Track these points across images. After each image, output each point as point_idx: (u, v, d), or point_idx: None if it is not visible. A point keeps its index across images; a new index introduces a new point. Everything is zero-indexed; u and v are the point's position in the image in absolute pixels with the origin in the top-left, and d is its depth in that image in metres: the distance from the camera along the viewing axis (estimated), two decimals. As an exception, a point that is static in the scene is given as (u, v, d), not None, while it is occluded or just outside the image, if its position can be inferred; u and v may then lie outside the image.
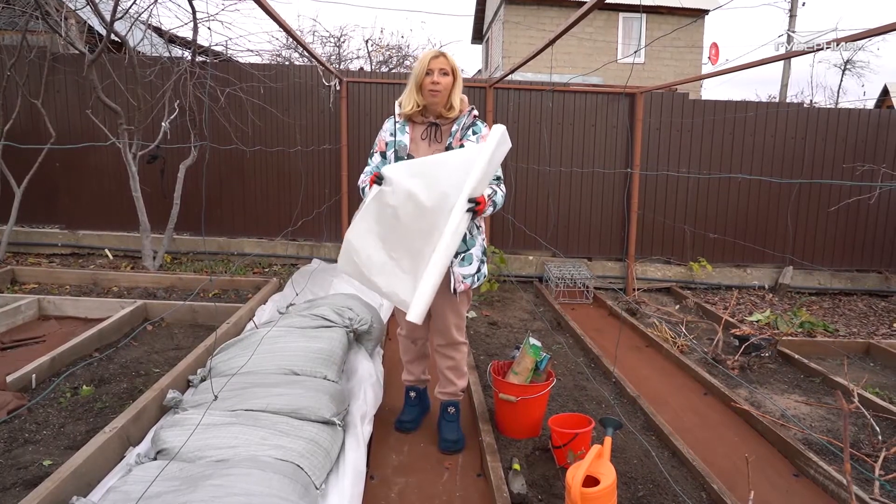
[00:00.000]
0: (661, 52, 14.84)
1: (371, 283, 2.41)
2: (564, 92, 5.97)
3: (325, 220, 6.06)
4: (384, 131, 2.61)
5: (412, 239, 2.30)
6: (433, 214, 2.23)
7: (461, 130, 2.52)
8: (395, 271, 2.35)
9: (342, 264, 2.47)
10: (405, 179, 2.28)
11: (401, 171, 2.31)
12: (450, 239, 2.18)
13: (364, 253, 2.38)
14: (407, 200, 2.27)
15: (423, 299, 2.17)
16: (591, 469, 2.04)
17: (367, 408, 2.77)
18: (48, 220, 6.10)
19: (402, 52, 13.79)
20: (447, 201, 2.21)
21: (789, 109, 6.03)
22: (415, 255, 2.30)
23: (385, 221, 2.34)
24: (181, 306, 4.20)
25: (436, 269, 2.18)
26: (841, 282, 6.21)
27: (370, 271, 2.38)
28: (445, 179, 2.23)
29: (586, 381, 3.56)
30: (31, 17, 5.25)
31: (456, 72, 2.50)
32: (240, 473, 1.89)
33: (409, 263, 2.32)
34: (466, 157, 2.25)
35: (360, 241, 2.38)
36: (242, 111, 5.83)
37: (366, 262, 2.38)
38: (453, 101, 2.51)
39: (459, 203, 2.18)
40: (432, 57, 2.46)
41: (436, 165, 2.29)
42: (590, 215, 6.15)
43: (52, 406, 2.86)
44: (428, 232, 2.25)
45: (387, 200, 2.31)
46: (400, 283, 2.33)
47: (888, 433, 3.00)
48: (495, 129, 2.22)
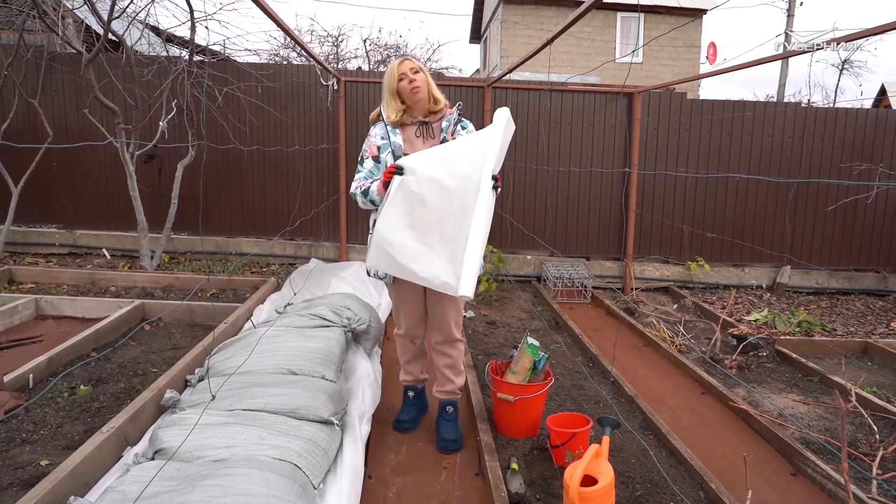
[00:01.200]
0: (659, 52, 14.85)
1: (407, 271, 2.37)
2: (562, 91, 5.97)
3: (323, 220, 6.06)
4: (374, 136, 2.63)
5: (442, 222, 2.29)
6: (460, 196, 2.25)
7: (452, 126, 2.59)
8: (430, 256, 2.32)
9: (373, 259, 2.43)
10: (426, 167, 2.30)
11: (419, 159, 2.33)
12: (483, 214, 2.20)
13: (397, 242, 2.34)
14: (431, 185, 2.28)
15: (472, 272, 2.16)
16: (590, 468, 2.04)
17: (365, 407, 2.77)
18: (45, 219, 6.09)
19: (400, 52, 13.77)
20: (470, 182, 2.23)
21: (787, 109, 6.04)
22: (447, 237, 2.28)
23: (412, 209, 2.32)
24: (179, 306, 4.19)
25: (477, 241, 2.18)
26: (838, 281, 6.22)
27: (406, 260, 2.34)
28: (464, 162, 2.27)
29: (584, 380, 3.56)
30: (28, 16, 5.23)
31: (424, 69, 2.61)
32: (238, 473, 1.89)
33: (443, 247, 2.30)
34: (480, 139, 2.31)
35: (391, 232, 2.34)
36: (240, 111, 5.82)
37: (399, 251, 2.34)
38: (434, 94, 2.61)
39: (485, 180, 2.21)
40: (399, 63, 2.58)
41: (451, 150, 2.33)
42: (588, 215, 6.15)
43: (50, 406, 2.86)
44: (457, 213, 2.25)
45: (412, 188, 2.30)
46: (438, 266, 2.29)
47: (886, 432, 3.00)
48: (501, 112, 2.32)
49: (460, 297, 2.19)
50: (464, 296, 2.15)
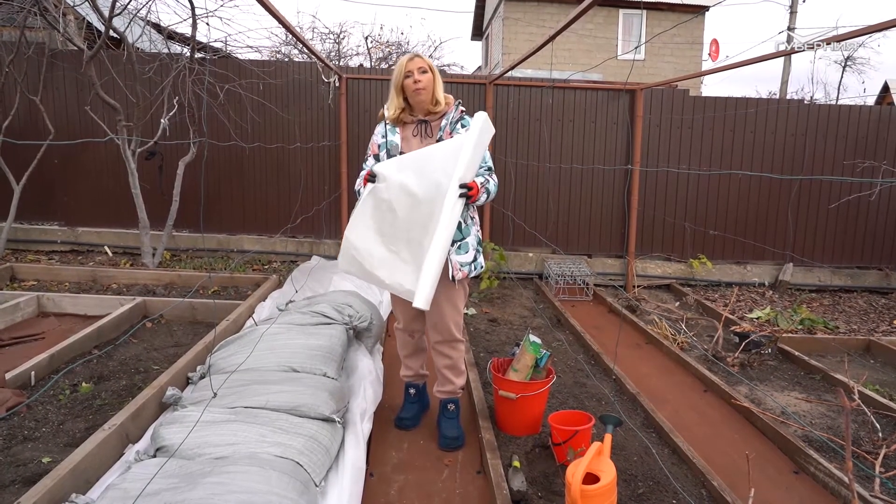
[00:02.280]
0: (661, 49, 14.81)
1: (374, 278, 2.45)
2: (564, 88, 5.96)
3: (325, 217, 6.05)
4: (376, 135, 2.66)
5: (409, 230, 2.35)
6: (428, 204, 2.29)
7: (450, 125, 2.58)
8: (396, 263, 2.39)
9: (343, 264, 2.52)
10: (396, 173, 2.36)
11: (391, 166, 2.39)
12: (447, 223, 2.23)
13: (364, 249, 2.43)
14: (400, 193, 2.33)
15: (427, 283, 2.20)
16: (591, 466, 2.04)
17: (366, 405, 2.77)
18: (47, 217, 6.09)
19: (401, 49, 13.75)
20: (439, 190, 2.27)
21: (790, 106, 6.01)
22: (414, 245, 2.34)
23: (382, 216, 2.40)
24: (180, 303, 4.19)
25: (436, 253, 2.23)
26: (841, 279, 6.20)
27: (372, 266, 2.43)
28: (435, 169, 2.30)
29: (586, 378, 3.56)
30: (29, 13, 5.22)
31: (433, 69, 2.58)
32: (239, 471, 1.89)
33: (409, 254, 2.36)
34: (453, 146, 2.32)
35: (359, 239, 2.44)
36: (241, 108, 5.82)
37: (367, 257, 2.43)
38: (438, 96, 2.59)
39: (451, 188, 2.24)
40: (408, 60, 2.55)
41: (424, 158, 2.36)
42: (590, 212, 6.14)
43: (52, 403, 2.86)
44: (424, 221, 2.30)
45: (381, 195, 2.38)
46: (402, 273, 2.36)
47: (889, 430, 3.00)
48: (477, 117, 2.32)
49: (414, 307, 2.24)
50: (416, 307, 2.21)
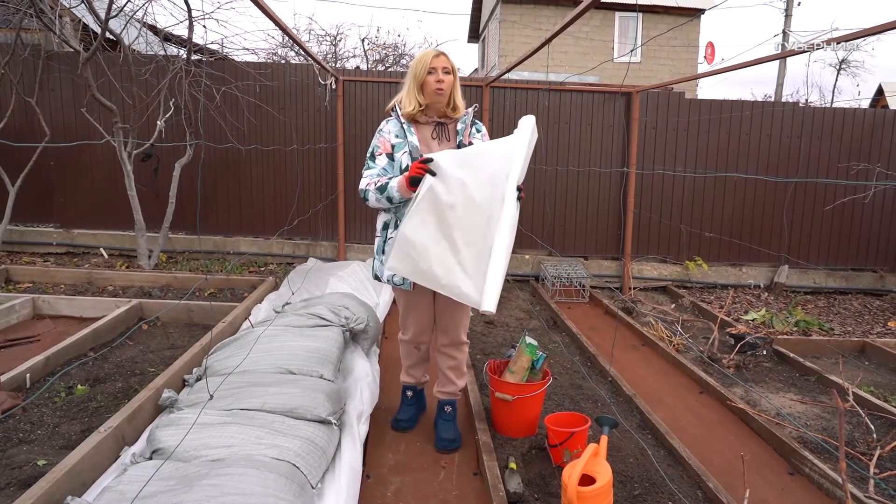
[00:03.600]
0: (657, 52, 14.86)
1: (427, 278, 2.32)
2: (561, 91, 5.97)
3: (322, 219, 6.05)
4: (387, 133, 2.53)
5: (468, 230, 2.25)
6: (487, 205, 2.22)
7: (468, 128, 2.52)
8: (453, 264, 2.28)
9: (395, 261, 2.35)
10: (454, 169, 2.22)
11: (447, 159, 2.24)
12: (507, 226, 2.18)
13: (421, 246, 2.28)
14: (460, 190, 2.22)
15: (496, 288, 2.15)
16: (588, 468, 2.04)
17: (363, 407, 2.76)
18: (43, 219, 6.07)
19: (398, 51, 13.76)
20: (495, 191, 2.21)
21: (785, 109, 6.04)
22: (472, 247, 2.25)
23: (440, 213, 2.26)
24: (176, 305, 4.19)
25: (502, 256, 2.16)
26: (836, 280, 6.23)
27: (429, 265, 2.29)
28: (490, 168, 2.23)
29: (582, 379, 3.57)
30: (25, 14, 5.21)
31: (455, 71, 2.49)
32: (235, 473, 1.89)
33: (468, 256, 2.26)
34: (506, 147, 2.26)
35: (416, 235, 2.28)
36: (238, 110, 5.82)
37: (423, 255, 2.28)
38: (457, 100, 2.50)
39: (509, 190, 2.18)
40: (434, 55, 2.44)
41: (479, 155, 2.27)
42: (586, 214, 6.15)
43: (47, 405, 2.85)
44: (483, 223, 2.22)
45: (441, 190, 2.23)
46: (460, 276, 2.27)
47: (883, 431, 3.01)
48: (527, 120, 2.28)
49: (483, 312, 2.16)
50: (486, 311, 2.13)
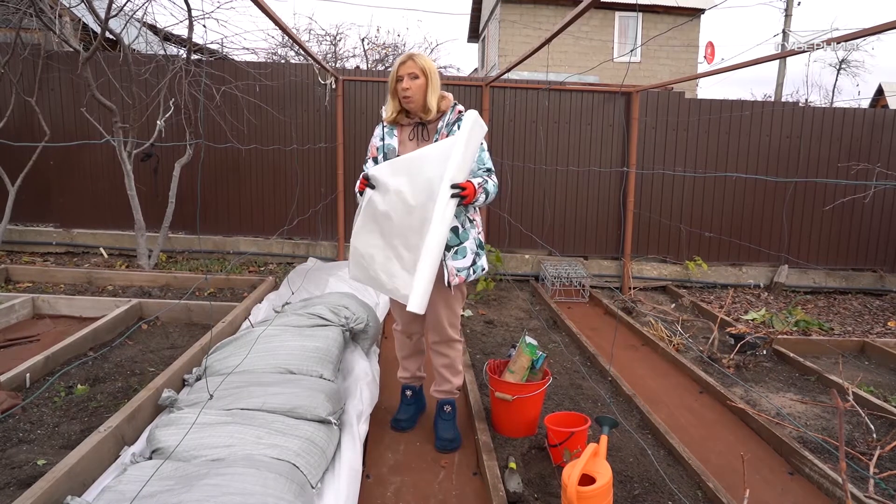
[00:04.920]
0: (657, 52, 14.86)
1: (377, 283, 2.50)
2: (560, 91, 5.97)
3: (322, 219, 6.05)
4: (375, 137, 2.65)
5: (406, 235, 2.37)
6: (421, 208, 2.31)
7: (447, 127, 2.54)
8: (394, 268, 2.43)
9: (353, 272, 2.56)
10: (390, 177, 2.36)
11: (384, 170, 2.39)
12: (438, 226, 2.25)
13: (367, 254, 2.47)
14: (395, 197, 2.35)
15: (420, 288, 2.24)
16: (587, 468, 2.04)
17: (363, 406, 2.76)
18: (42, 218, 6.07)
19: (398, 51, 13.77)
20: (431, 193, 2.28)
21: (784, 109, 6.04)
22: (412, 249, 2.36)
23: (380, 221, 2.42)
24: (176, 305, 4.18)
25: (429, 257, 2.25)
26: (836, 280, 6.23)
27: (374, 271, 2.47)
28: (427, 172, 2.30)
29: (582, 379, 3.57)
30: (24, 14, 5.21)
31: (427, 72, 2.44)
32: (235, 473, 1.89)
33: (407, 258, 2.39)
34: (443, 148, 2.31)
35: (362, 245, 2.48)
36: (238, 109, 5.81)
37: (370, 262, 2.48)
38: (429, 103, 2.47)
39: (442, 190, 2.24)
40: (400, 63, 2.46)
41: (416, 160, 2.35)
42: (586, 214, 6.15)
43: (47, 405, 2.85)
44: (419, 226, 2.32)
45: (377, 200, 2.39)
46: (400, 278, 2.41)
47: (883, 431, 3.01)
48: (468, 115, 2.29)
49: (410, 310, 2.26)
50: (411, 310, 2.24)
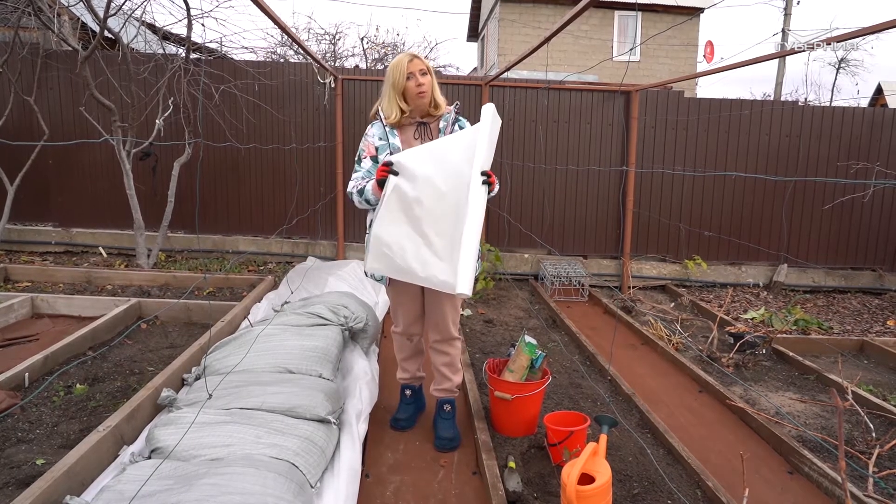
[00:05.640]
0: (656, 51, 14.86)
1: (406, 273, 2.39)
2: (560, 90, 5.97)
3: (321, 218, 6.05)
4: (371, 136, 2.59)
5: (437, 221, 2.31)
6: (453, 193, 2.27)
7: (449, 126, 2.56)
8: (428, 255, 2.33)
9: (371, 262, 2.45)
10: (418, 165, 2.31)
11: (411, 157, 2.34)
12: (476, 210, 2.21)
13: (396, 244, 2.37)
14: (425, 185, 2.30)
15: (468, 272, 2.18)
16: (587, 467, 2.04)
17: (362, 406, 2.76)
18: (41, 217, 6.07)
19: (397, 50, 13.76)
20: (461, 179, 2.25)
21: (784, 108, 6.04)
22: (444, 236, 2.30)
23: (408, 209, 2.34)
24: (175, 304, 4.18)
25: (471, 239, 2.20)
26: (835, 279, 6.23)
27: (405, 260, 2.36)
28: (454, 158, 2.28)
29: (581, 378, 3.57)
30: (23, 13, 5.20)
31: (431, 71, 2.54)
32: (234, 472, 1.89)
33: (441, 245, 2.31)
34: (468, 137, 2.31)
35: (388, 234, 2.38)
36: (237, 108, 5.81)
37: (398, 252, 2.37)
38: (437, 98, 2.56)
39: (475, 176, 2.22)
40: (409, 60, 2.48)
41: (439, 149, 2.33)
42: (585, 213, 6.15)
43: (46, 405, 2.85)
44: (451, 211, 2.27)
45: (406, 187, 2.32)
46: (435, 265, 2.32)
47: (882, 430, 3.01)
48: (487, 108, 2.29)
49: (458, 295, 2.19)
50: (461, 293, 2.17)
